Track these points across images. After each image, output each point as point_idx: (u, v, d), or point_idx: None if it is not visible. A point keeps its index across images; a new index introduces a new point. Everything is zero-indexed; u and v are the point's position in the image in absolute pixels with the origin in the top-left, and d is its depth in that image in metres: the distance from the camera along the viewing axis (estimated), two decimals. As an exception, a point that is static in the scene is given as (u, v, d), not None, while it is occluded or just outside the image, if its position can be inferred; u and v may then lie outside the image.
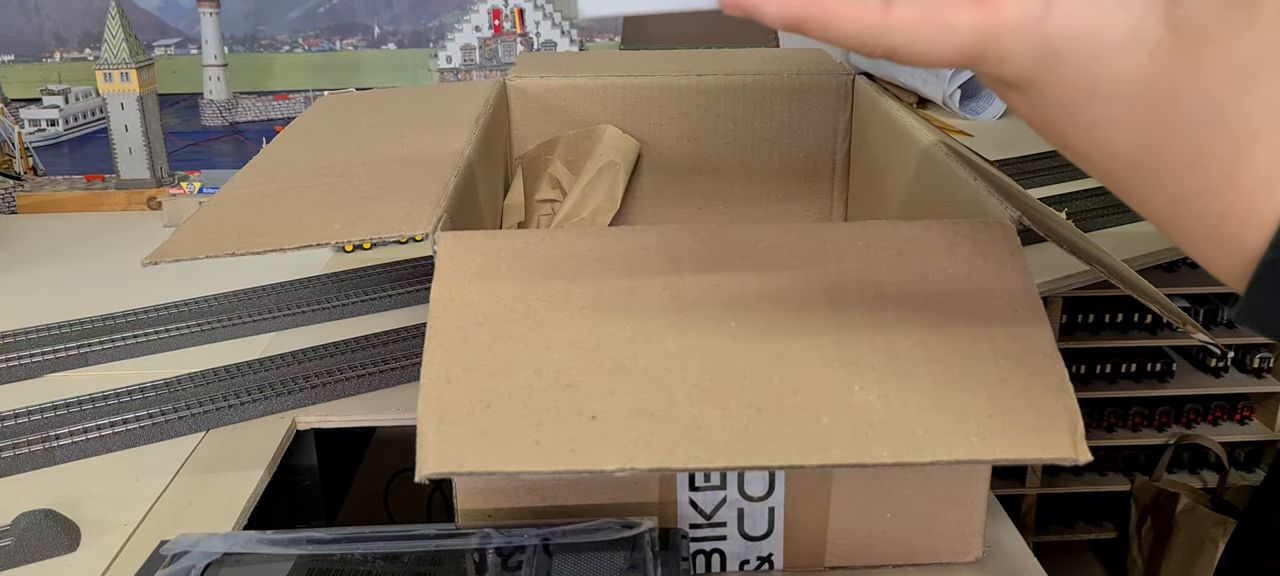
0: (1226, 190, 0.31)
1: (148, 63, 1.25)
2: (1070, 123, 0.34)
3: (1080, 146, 0.34)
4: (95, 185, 1.29)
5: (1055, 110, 0.34)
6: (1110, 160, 0.34)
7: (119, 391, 0.74)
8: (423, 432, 0.43)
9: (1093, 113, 0.33)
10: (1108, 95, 0.32)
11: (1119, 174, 0.34)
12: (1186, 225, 0.33)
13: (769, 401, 0.44)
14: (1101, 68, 0.32)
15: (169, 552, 0.48)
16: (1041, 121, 0.35)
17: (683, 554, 0.49)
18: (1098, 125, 0.33)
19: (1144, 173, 0.33)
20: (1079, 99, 0.33)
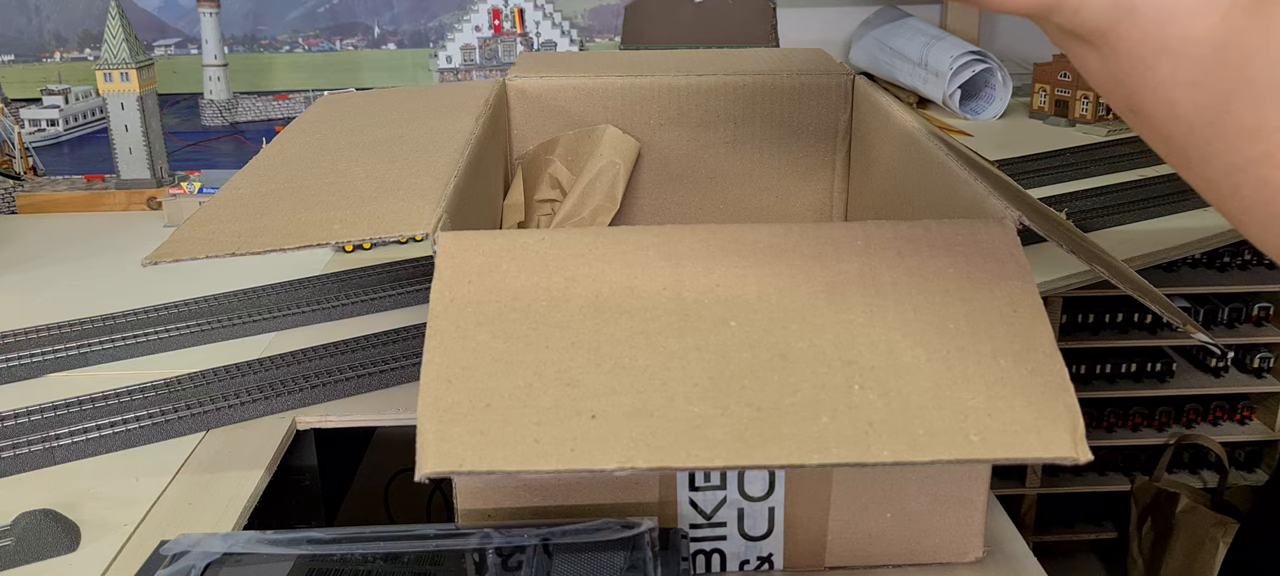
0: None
1: (148, 63, 1.25)
2: (1138, 80, 0.34)
3: (1145, 106, 0.34)
4: (95, 185, 1.29)
5: (1124, 65, 0.34)
6: (1172, 121, 0.34)
7: (119, 391, 0.73)
8: (422, 432, 0.43)
9: (1161, 71, 0.33)
10: (1177, 53, 0.32)
11: (1180, 137, 0.34)
12: (1242, 196, 0.33)
13: (769, 400, 0.44)
14: (1174, 25, 0.32)
15: (169, 552, 0.48)
16: (1109, 77, 0.35)
17: (683, 554, 0.49)
18: (1165, 84, 0.33)
19: (1205, 138, 0.33)
20: (1149, 54, 0.33)
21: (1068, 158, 1.41)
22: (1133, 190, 1.29)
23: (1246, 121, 0.32)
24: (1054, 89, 1.56)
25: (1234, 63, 0.32)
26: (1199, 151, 0.34)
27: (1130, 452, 1.54)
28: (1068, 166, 1.37)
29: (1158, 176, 1.34)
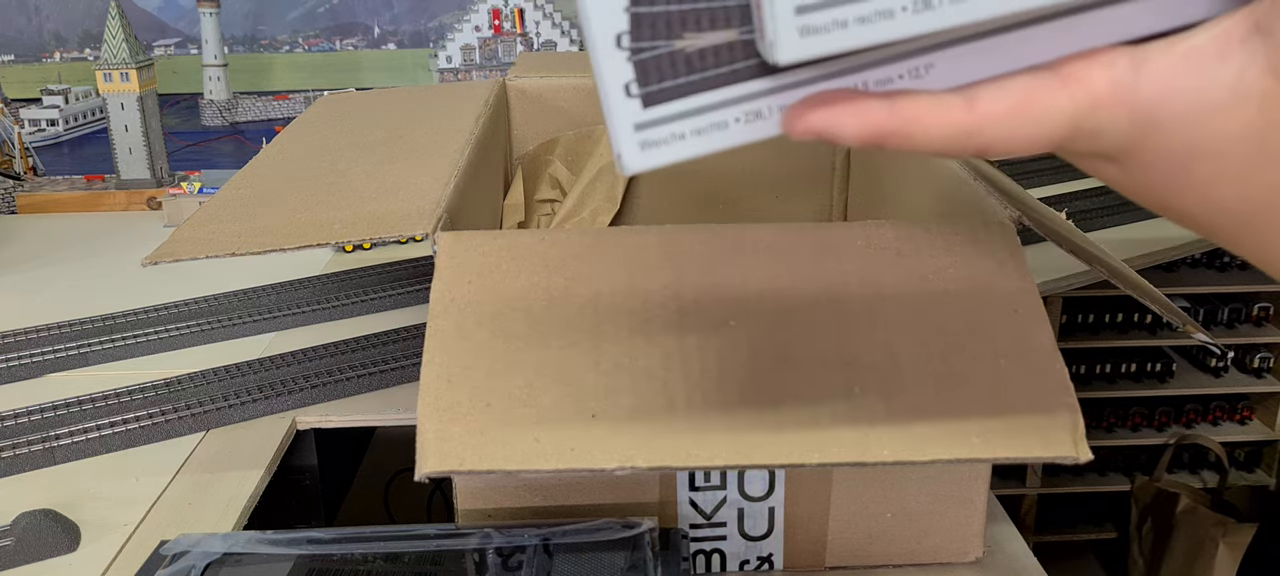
0: None
1: (148, 63, 1.25)
2: (1174, 186, 0.32)
3: (1186, 208, 0.32)
4: (95, 185, 1.29)
5: (1157, 176, 0.32)
6: (1221, 215, 0.32)
7: (119, 391, 0.73)
8: (422, 432, 0.43)
9: (1199, 173, 0.31)
10: (1216, 154, 0.30)
11: (1231, 229, 0.32)
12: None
13: (769, 400, 0.44)
14: (1209, 126, 0.30)
15: (169, 552, 0.48)
16: (1140, 187, 0.33)
17: (683, 554, 0.49)
18: (1206, 184, 0.31)
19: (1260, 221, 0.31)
20: (1183, 161, 0.31)
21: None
22: (1133, 190, 1.29)
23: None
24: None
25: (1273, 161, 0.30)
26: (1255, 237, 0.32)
27: (1130, 453, 1.54)
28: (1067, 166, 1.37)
29: (1158, 176, 1.33)
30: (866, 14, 0.27)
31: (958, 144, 0.31)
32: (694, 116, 0.30)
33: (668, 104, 0.30)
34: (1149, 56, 0.30)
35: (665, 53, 0.29)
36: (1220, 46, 0.29)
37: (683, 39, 0.29)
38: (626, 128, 0.30)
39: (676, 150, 0.30)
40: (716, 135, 0.30)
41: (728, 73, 0.30)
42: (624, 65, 0.29)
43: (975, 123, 0.30)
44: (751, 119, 0.30)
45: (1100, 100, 0.30)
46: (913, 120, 0.30)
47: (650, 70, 0.29)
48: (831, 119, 0.30)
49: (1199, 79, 0.29)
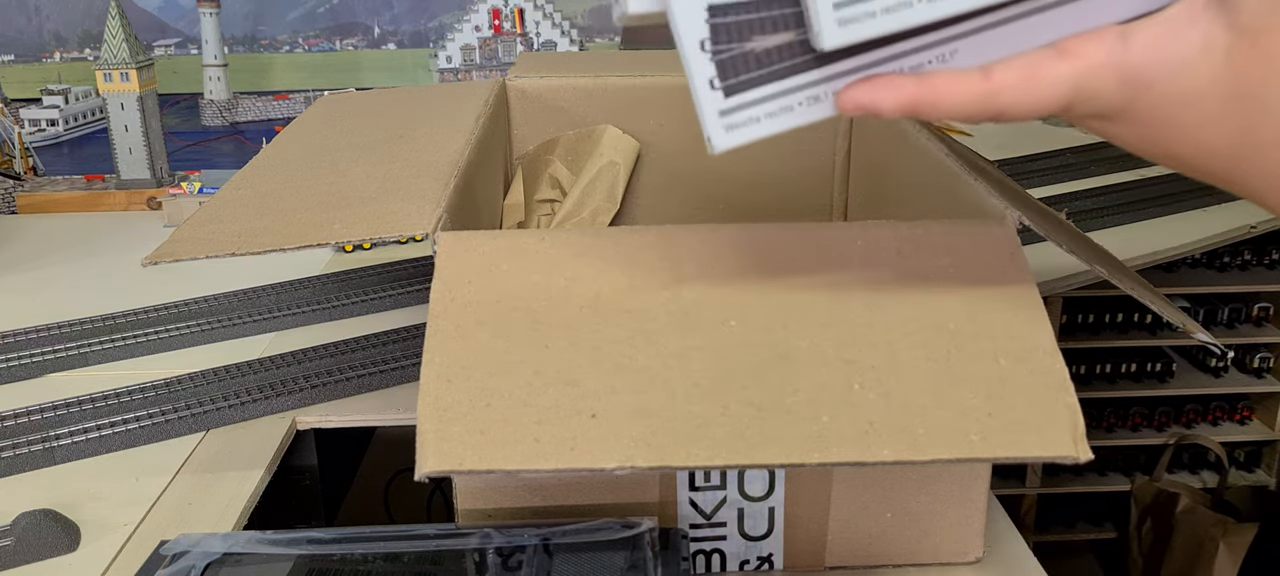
0: None
1: (148, 63, 1.25)
2: (1169, 133, 0.37)
3: (1179, 152, 0.38)
4: (95, 185, 1.29)
5: (1154, 127, 0.37)
6: (1211, 157, 0.37)
7: (119, 391, 0.73)
8: (422, 431, 0.43)
9: (1185, 119, 0.36)
10: (1196, 101, 0.36)
11: (1221, 167, 0.38)
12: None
13: (769, 400, 0.43)
14: (1188, 79, 0.36)
15: (169, 552, 0.48)
16: (1141, 138, 0.38)
17: (683, 554, 0.49)
18: (1196, 127, 0.37)
19: (1245, 158, 0.37)
20: (1174, 111, 0.36)
21: (1068, 157, 1.41)
22: (1133, 190, 1.29)
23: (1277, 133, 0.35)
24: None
25: (1252, 91, 0.35)
26: (1242, 171, 0.37)
27: (1130, 452, 1.54)
28: (1068, 166, 1.37)
29: (1158, 176, 1.34)
30: (890, 4, 0.34)
31: (977, 108, 0.37)
32: (767, 102, 0.37)
33: (744, 93, 0.37)
34: (1133, 30, 0.36)
35: (739, 53, 0.36)
36: (1188, 14, 0.36)
37: (753, 41, 0.36)
38: (713, 114, 0.37)
39: (754, 131, 0.37)
40: (785, 116, 0.37)
41: (789, 66, 0.37)
42: (708, 64, 0.36)
43: (991, 89, 0.37)
44: (812, 103, 0.37)
45: (1095, 67, 0.36)
46: (938, 90, 0.37)
47: (729, 67, 0.36)
48: (873, 94, 0.36)
49: (1175, 42, 0.36)
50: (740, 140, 0.37)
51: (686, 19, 0.36)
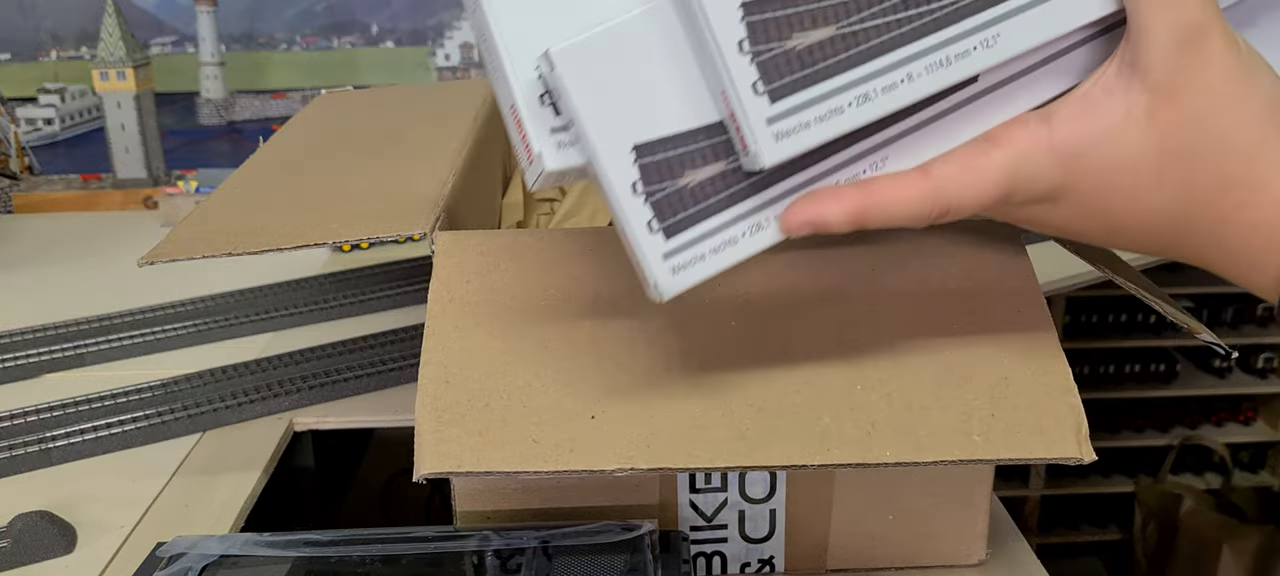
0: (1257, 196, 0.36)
1: (144, 61, 1.24)
2: (1112, 204, 0.38)
3: (1127, 222, 0.38)
4: (92, 184, 1.28)
5: (1096, 201, 0.38)
6: (1157, 220, 0.38)
7: (116, 392, 0.73)
8: (420, 433, 0.42)
9: (1128, 184, 0.37)
10: (1133, 165, 0.36)
11: (1167, 231, 0.38)
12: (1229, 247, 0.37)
13: (770, 401, 0.43)
14: (1117, 147, 0.36)
15: (165, 554, 0.48)
16: (1086, 216, 0.38)
17: (683, 556, 0.48)
18: (1135, 193, 0.37)
19: (1189, 215, 0.37)
20: (1112, 179, 0.37)
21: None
22: (1135, 189, 1.29)
23: (1213, 183, 0.36)
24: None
25: (1180, 148, 0.36)
26: (1184, 229, 0.38)
27: (1134, 454, 1.54)
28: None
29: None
30: (822, 112, 0.34)
31: (924, 208, 0.37)
32: (710, 237, 0.36)
33: (685, 231, 0.36)
34: (1053, 111, 0.37)
35: (673, 191, 0.35)
36: (1102, 87, 0.36)
37: (684, 176, 0.35)
38: (655, 259, 0.35)
39: (702, 269, 0.36)
40: (731, 250, 0.36)
41: (727, 197, 0.36)
42: (644, 208, 0.35)
43: (933, 186, 0.37)
44: (755, 231, 0.36)
45: (1027, 151, 0.37)
46: (883, 194, 0.36)
47: (665, 207, 0.35)
48: (819, 209, 0.36)
49: (1096, 114, 0.36)
50: (688, 282, 0.36)
51: (613, 164, 0.35)
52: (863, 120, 0.34)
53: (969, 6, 0.34)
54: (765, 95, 0.33)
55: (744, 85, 0.33)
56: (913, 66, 0.34)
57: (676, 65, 0.34)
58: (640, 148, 0.35)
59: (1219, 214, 0.37)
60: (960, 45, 0.35)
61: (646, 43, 0.34)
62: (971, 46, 0.35)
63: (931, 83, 0.35)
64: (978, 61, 0.35)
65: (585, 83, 0.34)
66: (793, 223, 0.36)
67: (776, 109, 0.33)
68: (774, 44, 0.33)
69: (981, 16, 0.35)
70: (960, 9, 0.34)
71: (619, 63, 0.34)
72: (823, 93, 0.34)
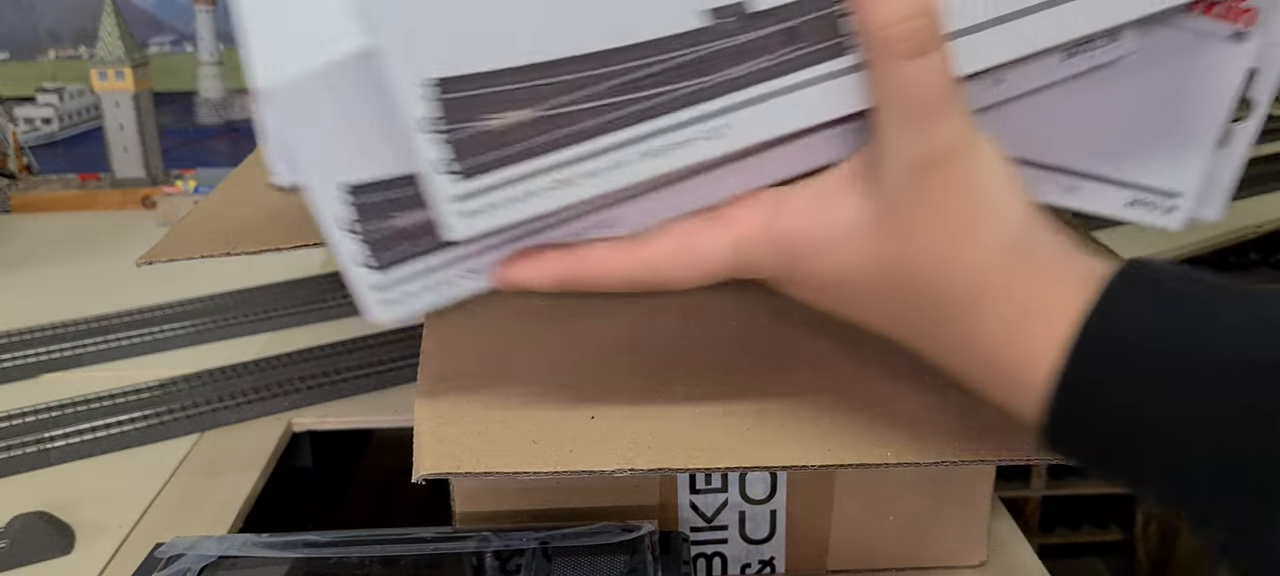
0: (974, 339, 0.34)
1: (143, 60, 1.24)
2: (832, 301, 0.36)
3: (852, 317, 0.37)
4: (90, 184, 1.28)
5: (817, 295, 0.36)
6: (881, 325, 0.36)
7: (114, 392, 0.73)
8: (419, 433, 0.42)
9: (846, 291, 0.35)
10: (852, 279, 0.35)
11: (903, 334, 0.36)
12: (973, 371, 0.35)
13: (771, 401, 0.43)
14: (839, 253, 0.34)
15: (164, 555, 0.48)
16: (812, 302, 0.37)
17: (683, 557, 0.48)
18: (854, 299, 0.35)
19: (910, 336, 0.35)
20: (830, 282, 0.35)
21: (1069, 156, 1.40)
22: (1134, 189, 1.29)
23: (939, 312, 0.34)
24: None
25: (902, 271, 0.34)
26: (925, 340, 0.35)
27: (1132, 453, 1.53)
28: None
29: (1159, 175, 1.33)
30: (519, 194, 0.33)
31: (636, 281, 0.36)
32: (423, 277, 0.36)
33: (397, 269, 0.36)
34: (790, 196, 0.35)
35: (386, 230, 0.35)
36: (840, 184, 0.34)
37: (396, 219, 0.35)
38: (366, 290, 0.36)
39: (415, 305, 0.36)
40: (446, 290, 0.36)
41: (439, 241, 0.35)
42: (355, 244, 0.35)
43: (646, 262, 0.36)
44: (470, 275, 0.36)
45: (749, 237, 0.35)
46: (593, 265, 0.36)
47: (377, 246, 0.35)
48: (526, 273, 0.36)
49: (827, 213, 0.34)
50: (401, 315, 0.36)
51: (325, 200, 0.34)
52: (564, 202, 0.33)
53: (695, 94, 0.32)
54: (458, 173, 0.32)
55: (435, 161, 0.32)
56: (624, 153, 0.33)
57: (389, 111, 0.33)
58: (354, 187, 0.34)
59: (938, 345, 0.35)
60: (681, 134, 0.33)
61: (361, 84, 0.32)
62: (694, 136, 0.33)
63: (645, 169, 0.33)
64: (701, 151, 0.33)
65: (297, 118, 0.33)
66: (504, 280, 0.36)
67: (468, 187, 0.32)
68: (466, 123, 0.31)
69: (709, 105, 0.32)
70: (684, 96, 0.32)
71: (333, 101, 0.33)
72: (519, 174, 0.32)
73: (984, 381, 0.35)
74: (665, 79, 0.32)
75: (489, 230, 0.33)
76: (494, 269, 0.36)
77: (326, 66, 0.32)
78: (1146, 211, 0.39)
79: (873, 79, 0.32)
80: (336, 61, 0.32)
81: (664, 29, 0.31)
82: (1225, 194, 0.39)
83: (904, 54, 0.31)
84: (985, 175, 0.33)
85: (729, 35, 0.32)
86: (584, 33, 0.31)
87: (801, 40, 0.32)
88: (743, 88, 0.32)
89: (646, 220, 0.36)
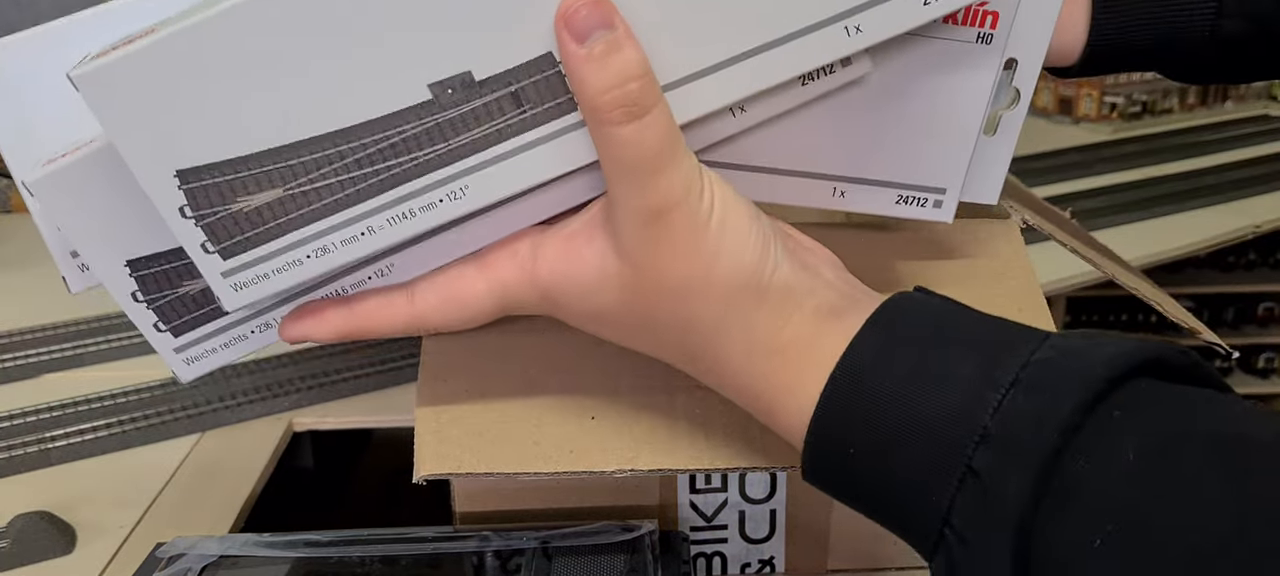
0: (720, 369, 0.35)
1: (146, 62, 1.24)
2: (601, 334, 0.38)
3: (622, 345, 0.38)
4: (93, 185, 1.28)
5: (584, 326, 0.38)
6: (652, 353, 0.38)
7: (115, 392, 0.73)
8: (420, 433, 0.42)
9: (608, 332, 0.37)
10: (610, 321, 0.36)
11: (670, 361, 0.37)
12: (738, 399, 0.36)
13: (771, 402, 0.43)
14: (593, 301, 0.36)
15: (165, 555, 0.48)
16: (589, 331, 0.38)
17: (683, 557, 0.48)
18: (619, 334, 0.37)
19: (682, 362, 0.37)
20: (592, 325, 0.37)
21: (1072, 156, 1.40)
22: (1137, 189, 1.29)
23: (679, 354, 0.36)
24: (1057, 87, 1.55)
25: (648, 319, 0.35)
26: (705, 376, 0.37)
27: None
28: (1072, 165, 1.37)
29: (1163, 176, 1.33)
30: (281, 265, 0.35)
31: (410, 330, 0.38)
32: (219, 335, 0.39)
33: (192, 331, 0.38)
34: (545, 241, 0.36)
35: (174, 297, 0.37)
36: (587, 233, 0.35)
37: (182, 286, 0.37)
38: (168, 352, 0.39)
39: (216, 359, 0.39)
40: (242, 344, 0.39)
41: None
42: (146, 312, 0.37)
43: (416, 315, 0.37)
44: (264, 328, 0.39)
45: (510, 283, 0.37)
46: (368, 318, 0.37)
47: (168, 312, 0.38)
48: (307, 328, 0.38)
49: (576, 262, 0.36)
50: (205, 369, 0.39)
51: (112, 279, 0.37)
52: (326, 268, 0.35)
53: (432, 161, 0.34)
54: (216, 253, 0.34)
55: (193, 245, 0.34)
56: (372, 220, 0.34)
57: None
58: (133, 261, 0.36)
59: (701, 375, 0.37)
60: (424, 198, 0.34)
61: (122, 169, 0.33)
62: (437, 199, 0.35)
63: (395, 234, 0.35)
64: (445, 212, 0.35)
65: (68, 206, 0.35)
66: (288, 335, 0.38)
67: (230, 264, 0.34)
68: (217, 208, 0.33)
69: (447, 170, 0.34)
70: (422, 164, 0.34)
71: (101, 185, 0.35)
72: (277, 249, 0.34)
73: (750, 409, 0.36)
74: (402, 149, 0.34)
75: (260, 299, 0.35)
76: (279, 325, 0.39)
77: (87, 156, 0.34)
78: (916, 207, 0.41)
79: (595, 140, 0.34)
80: (98, 150, 0.34)
81: (394, 104, 0.33)
82: (999, 179, 0.41)
83: (618, 120, 0.32)
84: (716, 217, 0.34)
85: (456, 104, 0.33)
86: (318, 116, 0.33)
87: (528, 103, 0.34)
88: (477, 151, 0.34)
89: (420, 266, 0.38)
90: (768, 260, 0.34)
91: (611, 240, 0.35)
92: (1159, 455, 0.27)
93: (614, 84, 0.32)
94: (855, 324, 0.33)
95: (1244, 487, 0.26)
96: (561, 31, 0.32)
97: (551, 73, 0.33)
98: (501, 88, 0.33)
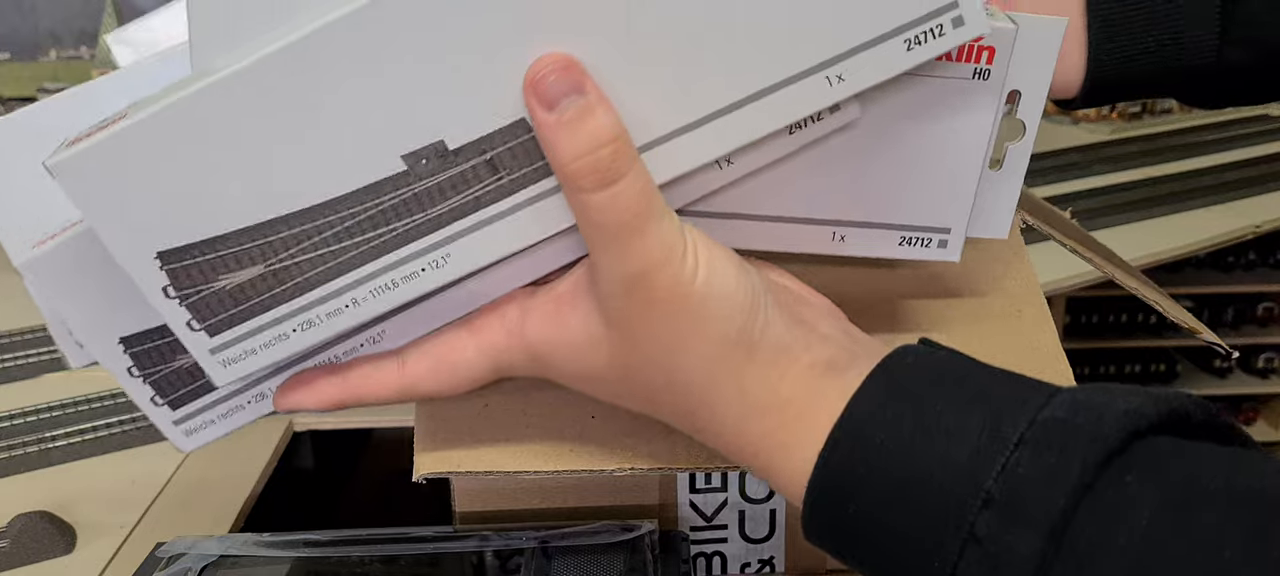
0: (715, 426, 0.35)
1: (146, 62, 1.24)
2: (592, 394, 0.37)
3: (615, 404, 0.37)
4: (94, 185, 1.28)
5: (575, 386, 0.37)
6: (644, 411, 0.37)
7: (115, 392, 0.73)
8: (419, 433, 0.42)
9: (600, 392, 0.37)
10: (599, 380, 0.36)
11: (663, 419, 0.37)
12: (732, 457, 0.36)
13: (770, 402, 0.43)
14: (583, 362, 0.35)
15: (165, 555, 0.48)
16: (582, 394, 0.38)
17: (683, 557, 0.48)
18: (610, 394, 0.37)
19: (675, 420, 0.36)
20: (581, 382, 0.37)
21: (1072, 156, 1.40)
22: (1137, 189, 1.29)
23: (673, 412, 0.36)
24: (1057, 88, 1.55)
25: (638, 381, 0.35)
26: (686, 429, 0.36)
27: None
28: (1072, 165, 1.37)
29: (1163, 176, 1.33)
30: (268, 340, 0.34)
31: (402, 398, 0.37)
32: (215, 407, 0.39)
33: (189, 404, 0.38)
34: (533, 304, 0.36)
35: (169, 371, 0.37)
36: (572, 295, 0.35)
37: (176, 360, 0.37)
38: (167, 425, 0.39)
39: (214, 431, 0.39)
40: (239, 415, 0.39)
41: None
42: (143, 387, 0.37)
43: (408, 382, 0.37)
44: (259, 399, 0.39)
45: (500, 346, 0.36)
46: (359, 387, 0.37)
47: (165, 385, 0.38)
48: (300, 399, 0.37)
49: (563, 326, 0.35)
50: (204, 441, 0.39)
51: (106, 356, 0.37)
52: (314, 341, 0.35)
53: (410, 232, 0.34)
54: (202, 331, 0.34)
55: (179, 325, 0.34)
56: (356, 292, 0.34)
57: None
58: (127, 338, 0.36)
59: (695, 432, 0.36)
60: (406, 268, 0.34)
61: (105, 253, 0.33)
62: (420, 268, 0.34)
63: (379, 305, 0.35)
64: (429, 281, 0.35)
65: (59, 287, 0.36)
66: (283, 405, 0.38)
67: (217, 341, 0.34)
68: (200, 287, 0.33)
69: (427, 240, 0.34)
70: (401, 235, 0.34)
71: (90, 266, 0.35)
72: (262, 324, 0.34)
73: (748, 468, 0.35)
74: (380, 221, 0.33)
75: (249, 374, 0.35)
76: (274, 397, 0.39)
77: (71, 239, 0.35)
78: (920, 248, 0.40)
79: (571, 206, 0.33)
80: (81, 232, 0.34)
81: (368, 177, 0.33)
82: (1008, 212, 0.40)
83: (592, 186, 0.32)
84: (701, 277, 0.33)
85: (432, 174, 0.33)
86: (293, 192, 0.32)
87: (504, 169, 0.33)
88: (456, 220, 0.34)
89: (411, 333, 0.38)
90: (757, 317, 0.34)
91: (596, 304, 0.34)
92: (1178, 514, 0.26)
93: (586, 150, 0.31)
94: (855, 380, 0.32)
95: (1266, 548, 0.25)
96: (530, 99, 0.31)
97: (526, 138, 0.33)
98: (476, 155, 0.33)
